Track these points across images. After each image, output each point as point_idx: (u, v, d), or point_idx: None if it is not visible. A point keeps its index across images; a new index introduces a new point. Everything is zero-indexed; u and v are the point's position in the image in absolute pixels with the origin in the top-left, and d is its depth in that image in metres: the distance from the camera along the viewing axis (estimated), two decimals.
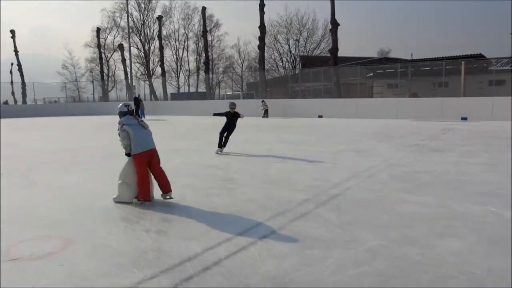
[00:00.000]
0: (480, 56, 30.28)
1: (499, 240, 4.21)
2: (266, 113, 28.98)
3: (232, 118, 11.12)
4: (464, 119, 22.91)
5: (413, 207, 5.45)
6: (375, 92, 35.13)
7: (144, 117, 29.21)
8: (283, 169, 8.38)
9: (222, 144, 10.96)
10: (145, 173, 5.75)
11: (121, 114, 5.90)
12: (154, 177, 5.93)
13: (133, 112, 5.98)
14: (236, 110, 11.23)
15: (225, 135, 11.03)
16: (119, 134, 5.82)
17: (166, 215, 5.32)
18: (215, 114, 11.61)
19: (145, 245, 4.22)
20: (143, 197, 5.73)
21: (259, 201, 5.86)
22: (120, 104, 6.02)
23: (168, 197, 5.90)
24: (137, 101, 28.62)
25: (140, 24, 54.97)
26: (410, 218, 4.97)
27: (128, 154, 5.81)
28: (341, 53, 35.87)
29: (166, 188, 5.89)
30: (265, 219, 5.00)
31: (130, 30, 43.88)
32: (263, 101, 29.97)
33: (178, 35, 57.48)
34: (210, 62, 52.52)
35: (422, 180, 7.14)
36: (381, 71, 34.37)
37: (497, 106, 22.68)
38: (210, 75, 49.59)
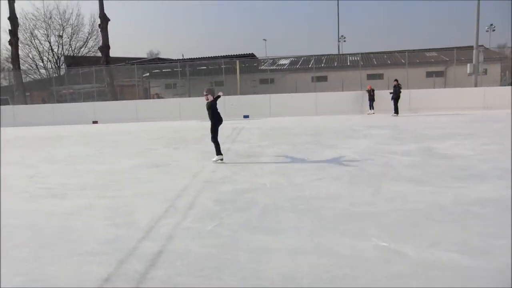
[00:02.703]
0: (252, 56, 31.32)
1: None
2: None
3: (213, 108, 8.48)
4: (246, 117, 22.87)
5: (291, 261, 3.44)
6: (152, 93, 33.05)
7: None
8: (56, 210, 5.33)
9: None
10: None
11: None
12: None
13: None
14: None
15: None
16: None
17: None
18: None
19: None
20: None
21: None
22: None
23: None
24: None
25: None
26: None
27: None
28: (113, 52, 32.39)
29: None
30: None
31: None
32: None
33: None
34: None
35: (260, 203, 5.26)
36: (157, 70, 32.50)
37: (274, 103, 23.39)
38: None
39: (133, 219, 4.82)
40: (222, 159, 8.42)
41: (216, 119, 8.51)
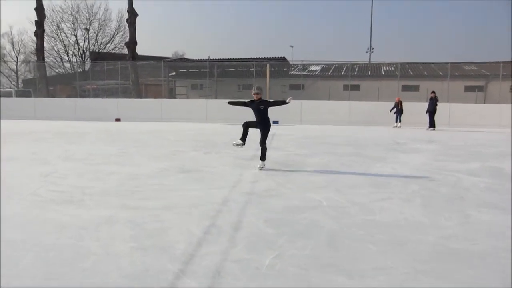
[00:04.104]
0: (283, 59, 30.22)
1: None
2: None
3: (259, 109, 7.58)
4: (275, 122, 21.79)
5: None
6: (178, 92, 32.30)
7: None
8: (69, 222, 4.35)
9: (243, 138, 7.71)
10: None
11: None
12: None
13: None
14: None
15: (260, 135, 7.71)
16: None
17: None
18: (231, 103, 8.20)
19: None
20: None
21: None
22: None
23: None
24: None
25: None
26: None
27: None
28: (138, 51, 31.59)
29: None
30: None
31: None
32: None
33: None
34: None
35: (324, 227, 4.19)
36: (184, 70, 31.73)
37: (305, 110, 22.34)
38: None
39: (166, 241, 3.79)
40: (242, 144, 7.75)
41: (262, 121, 7.74)
